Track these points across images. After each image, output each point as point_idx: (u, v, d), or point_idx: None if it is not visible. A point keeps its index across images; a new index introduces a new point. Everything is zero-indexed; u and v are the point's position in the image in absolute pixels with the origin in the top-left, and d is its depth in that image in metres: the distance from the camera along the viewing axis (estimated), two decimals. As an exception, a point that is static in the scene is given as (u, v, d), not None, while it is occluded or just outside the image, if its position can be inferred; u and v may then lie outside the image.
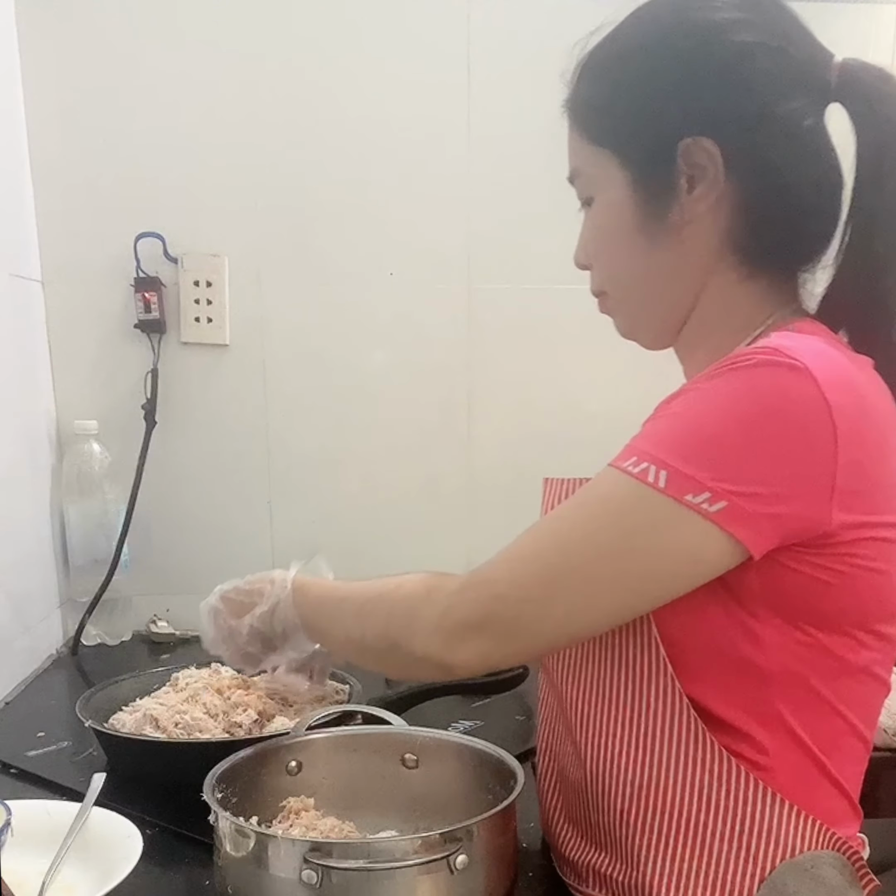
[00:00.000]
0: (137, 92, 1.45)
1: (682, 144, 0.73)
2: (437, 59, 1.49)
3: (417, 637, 0.73)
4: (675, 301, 0.79)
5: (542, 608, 0.69)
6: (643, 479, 0.66)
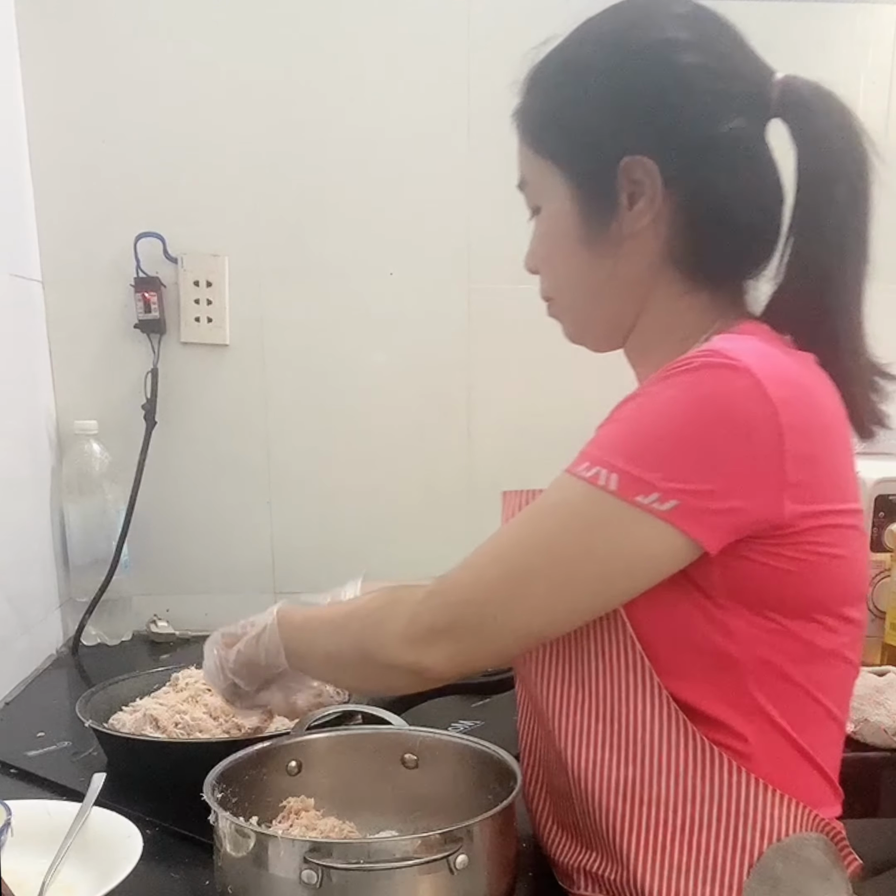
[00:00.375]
0: (137, 92, 1.45)
1: (623, 162, 0.75)
2: (437, 58, 1.49)
3: (388, 645, 0.76)
4: (617, 310, 0.82)
5: (503, 610, 0.72)
6: (595, 482, 0.69)
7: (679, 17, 0.77)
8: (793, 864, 0.72)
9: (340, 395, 1.56)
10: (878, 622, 1.34)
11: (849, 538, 0.73)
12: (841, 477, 0.72)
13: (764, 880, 0.72)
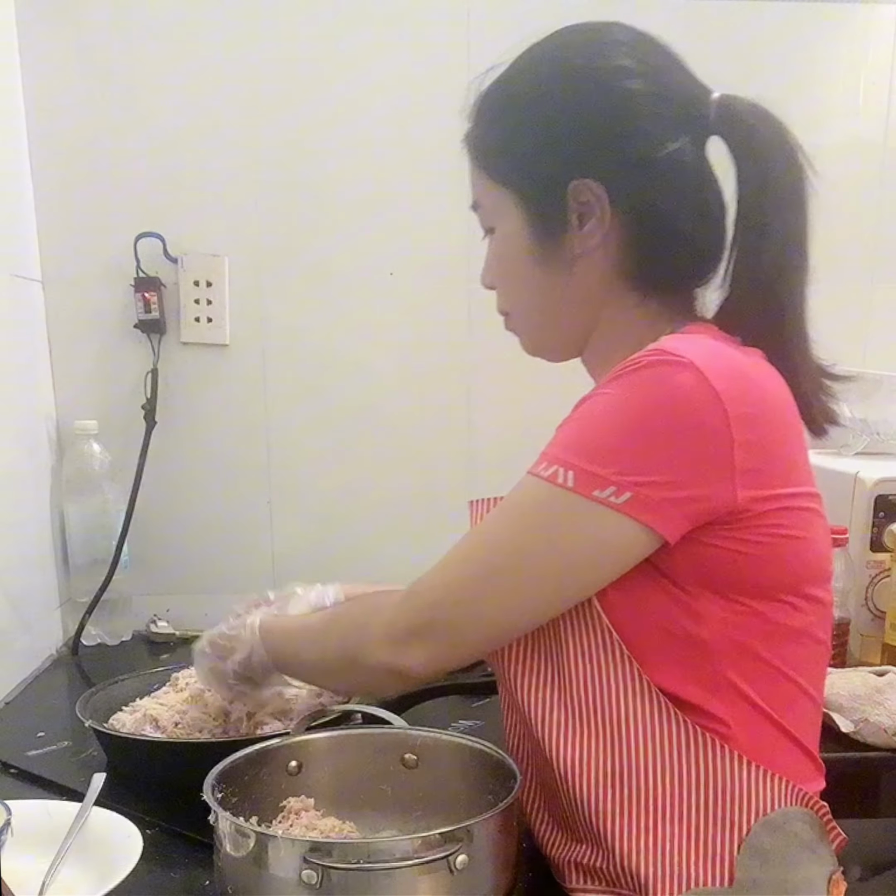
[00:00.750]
0: (137, 92, 1.45)
1: (571, 185, 0.79)
2: (438, 58, 1.49)
3: (369, 649, 0.80)
4: (572, 324, 0.87)
5: (474, 608, 0.76)
6: (553, 480, 0.72)
7: (621, 43, 0.80)
8: (780, 837, 0.74)
9: (340, 395, 1.56)
10: (878, 622, 1.33)
11: (807, 520, 0.76)
12: (792, 462, 0.75)
13: (754, 855, 0.74)
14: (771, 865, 0.74)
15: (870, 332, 1.62)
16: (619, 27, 0.82)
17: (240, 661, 0.94)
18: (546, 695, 0.79)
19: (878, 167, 1.59)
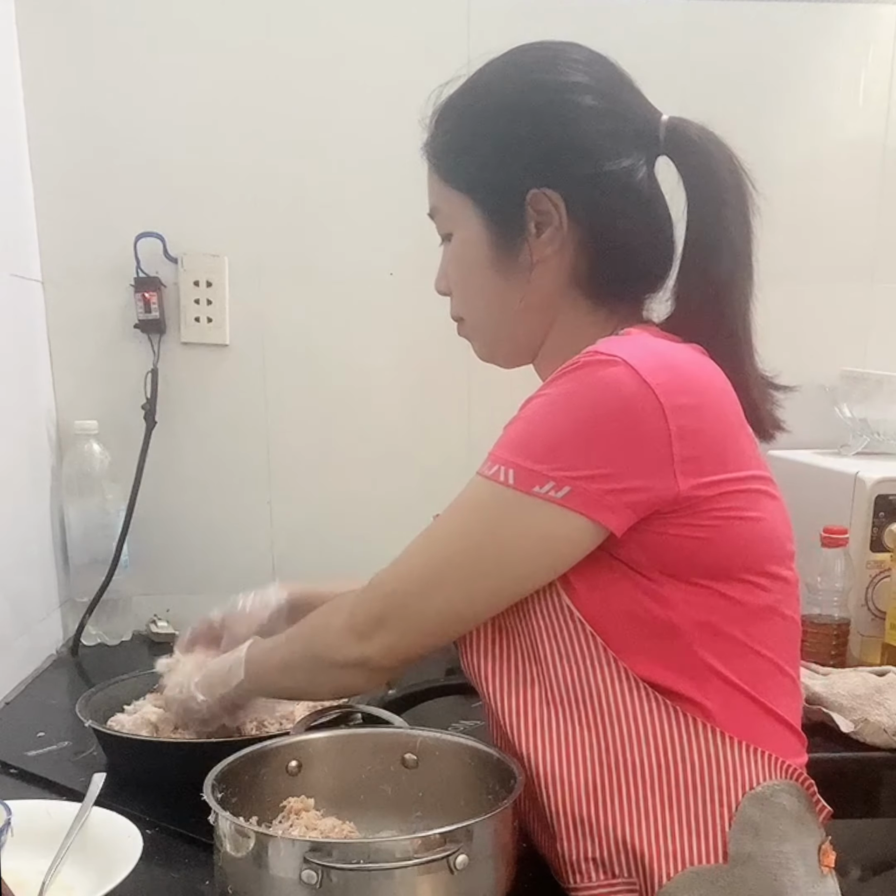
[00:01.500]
0: (137, 92, 1.45)
1: (529, 194, 0.82)
2: (438, 58, 1.48)
3: (333, 643, 0.84)
4: (526, 331, 0.89)
5: (425, 599, 0.80)
6: (496, 479, 0.76)
7: (576, 61, 0.84)
8: (768, 810, 0.77)
9: (340, 395, 1.56)
10: (878, 622, 1.34)
11: (757, 501, 0.78)
12: (736, 448, 0.77)
13: (745, 829, 0.76)
14: (762, 838, 0.76)
15: (870, 333, 1.62)
16: (575, 47, 0.85)
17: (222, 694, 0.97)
18: (525, 695, 0.81)
19: (879, 167, 1.59)
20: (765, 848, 0.76)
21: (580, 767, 0.78)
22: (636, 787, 0.77)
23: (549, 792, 0.79)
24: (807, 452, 1.48)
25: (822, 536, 1.32)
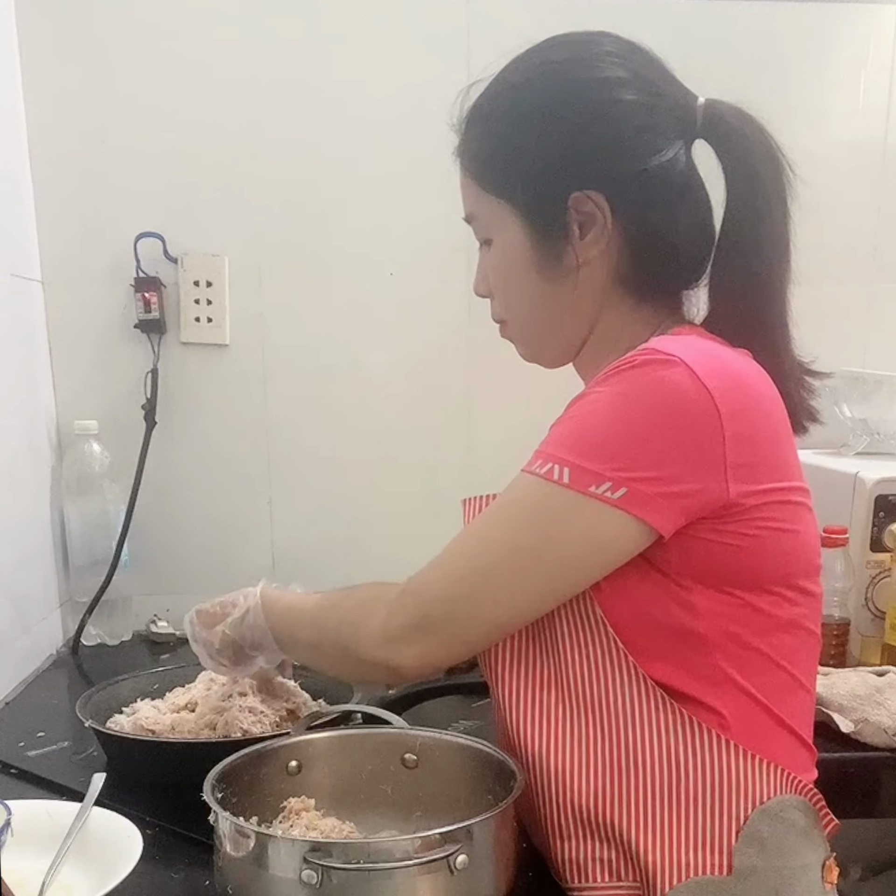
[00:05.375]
0: (137, 93, 1.45)
1: (573, 196, 0.80)
2: (438, 58, 1.49)
3: (364, 644, 0.81)
4: (570, 332, 0.87)
5: (470, 605, 0.77)
6: (549, 477, 0.73)
7: (611, 54, 0.81)
8: (777, 825, 0.76)
9: (340, 395, 1.56)
10: (878, 622, 1.33)
11: (797, 514, 0.78)
12: (782, 457, 0.77)
13: (751, 843, 0.75)
14: (768, 853, 0.76)
15: (870, 333, 1.62)
16: (607, 37, 0.83)
17: (232, 622, 0.94)
18: (540, 692, 0.80)
19: (879, 167, 1.59)
20: (769, 863, 0.76)
21: (590, 768, 0.78)
22: (645, 794, 0.76)
23: (559, 791, 0.79)
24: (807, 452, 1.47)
25: (822, 536, 1.31)
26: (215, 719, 1.04)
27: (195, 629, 0.99)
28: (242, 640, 0.95)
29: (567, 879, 0.81)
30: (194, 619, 1.00)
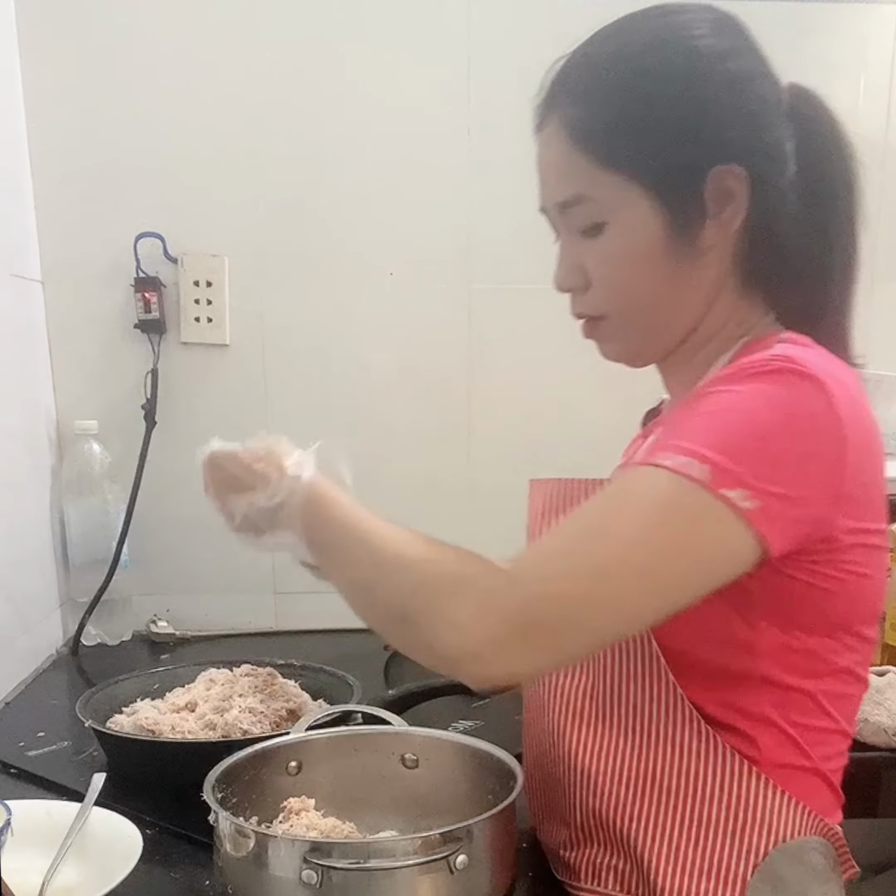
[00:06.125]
0: (137, 93, 1.45)
1: (713, 171, 0.74)
2: (438, 58, 1.49)
3: (442, 633, 0.66)
4: (681, 325, 0.80)
5: (585, 608, 0.66)
6: (686, 472, 0.65)
7: (721, 24, 0.77)
8: (794, 866, 0.74)
9: (340, 395, 1.56)
10: (878, 622, 1.33)
11: (876, 557, 0.74)
12: (879, 495, 0.73)
13: (767, 880, 0.73)
14: (782, 892, 0.73)
15: (870, 332, 1.61)
16: (707, 8, 0.78)
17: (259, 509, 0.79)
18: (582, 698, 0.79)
19: (878, 167, 1.59)
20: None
21: (616, 777, 0.76)
22: (666, 813, 0.75)
23: (585, 793, 0.78)
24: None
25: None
26: (215, 719, 1.04)
27: (208, 484, 0.87)
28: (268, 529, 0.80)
29: (579, 878, 0.80)
30: (207, 464, 0.87)
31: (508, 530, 0.77)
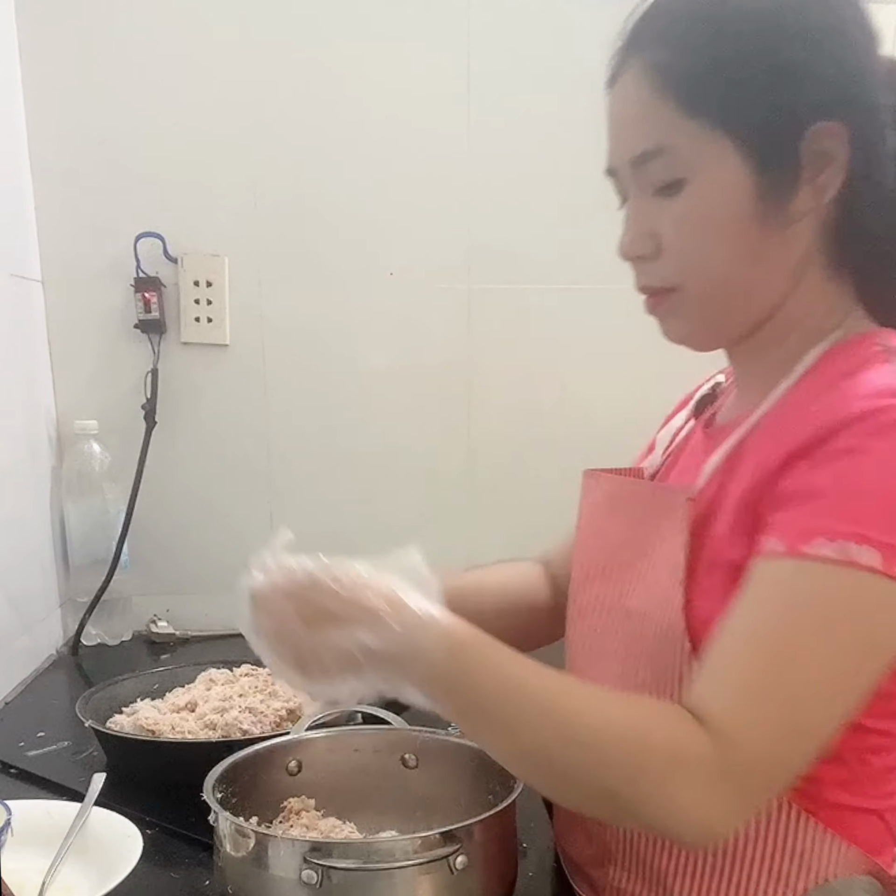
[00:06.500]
0: (137, 93, 1.45)
1: (814, 127, 0.67)
2: (437, 58, 1.49)
3: (665, 815, 0.61)
4: (763, 302, 0.72)
5: (803, 743, 0.62)
6: (853, 561, 0.59)
7: None
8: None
9: (340, 395, 1.56)
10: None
11: None
12: None
13: None
14: None
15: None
16: None
17: (367, 647, 0.63)
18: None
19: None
20: None
21: None
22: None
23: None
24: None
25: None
26: (215, 719, 1.04)
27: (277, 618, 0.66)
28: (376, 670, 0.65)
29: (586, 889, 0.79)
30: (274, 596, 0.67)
31: (509, 530, 0.77)
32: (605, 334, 1.55)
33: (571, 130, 1.48)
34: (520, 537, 1.08)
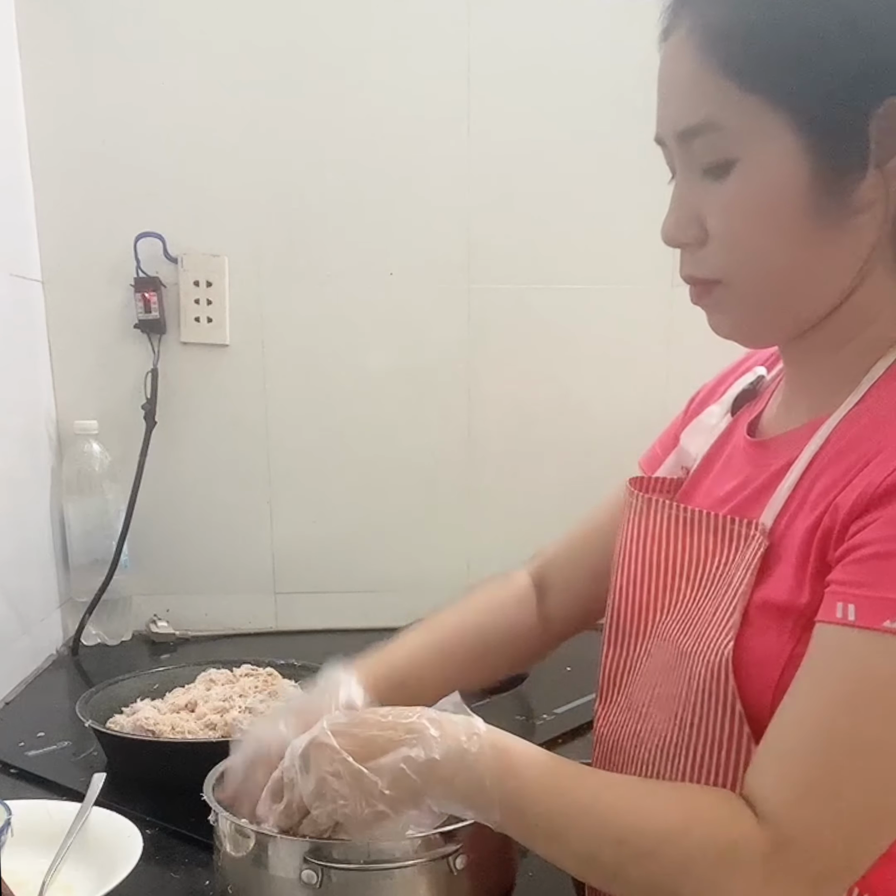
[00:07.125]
0: (137, 92, 1.45)
1: (884, 103, 0.59)
2: (437, 57, 1.49)
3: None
4: (821, 300, 0.66)
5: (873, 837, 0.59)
6: None
7: None
8: None
9: (340, 395, 1.56)
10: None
11: None
12: None
13: None
14: None
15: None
16: None
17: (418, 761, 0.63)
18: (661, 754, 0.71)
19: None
20: None
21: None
22: None
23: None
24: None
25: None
26: (215, 719, 1.04)
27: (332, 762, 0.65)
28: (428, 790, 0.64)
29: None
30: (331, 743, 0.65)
31: (508, 530, 0.77)
32: (606, 334, 1.55)
33: (572, 130, 1.48)
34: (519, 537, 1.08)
